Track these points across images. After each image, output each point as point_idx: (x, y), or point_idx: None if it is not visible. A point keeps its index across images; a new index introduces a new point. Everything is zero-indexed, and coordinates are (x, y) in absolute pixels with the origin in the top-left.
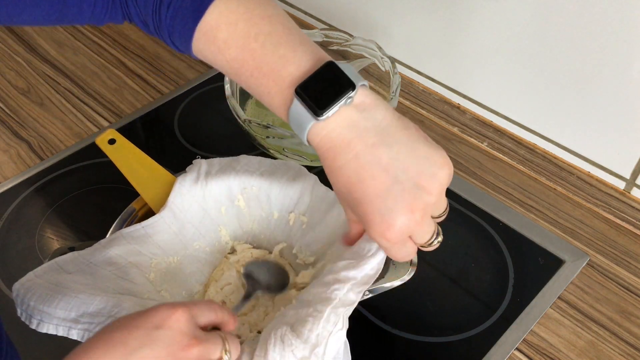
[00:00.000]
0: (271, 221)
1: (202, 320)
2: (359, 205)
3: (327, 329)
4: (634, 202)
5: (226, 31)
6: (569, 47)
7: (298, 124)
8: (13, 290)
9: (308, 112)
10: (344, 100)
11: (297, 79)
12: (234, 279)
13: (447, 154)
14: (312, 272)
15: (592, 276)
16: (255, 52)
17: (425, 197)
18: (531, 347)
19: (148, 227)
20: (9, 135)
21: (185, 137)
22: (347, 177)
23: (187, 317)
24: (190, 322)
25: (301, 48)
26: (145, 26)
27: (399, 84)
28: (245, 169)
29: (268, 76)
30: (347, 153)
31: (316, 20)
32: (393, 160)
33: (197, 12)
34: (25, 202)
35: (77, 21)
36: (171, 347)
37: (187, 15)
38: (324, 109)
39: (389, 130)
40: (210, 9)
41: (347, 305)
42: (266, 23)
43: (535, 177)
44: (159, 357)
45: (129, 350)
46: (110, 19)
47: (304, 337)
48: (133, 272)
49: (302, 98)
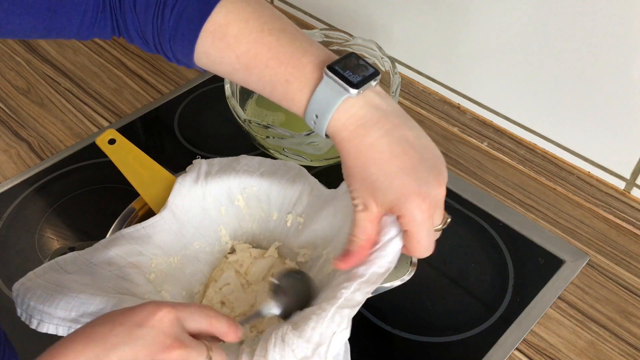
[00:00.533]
0: (270, 221)
1: (192, 325)
2: (394, 179)
3: (331, 329)
4: (634, 202)
5: (237, 27)
6: (569, 47)
7: (326, 102)
8: (13, 290)
9: (341, 87)
10: (373, 81)
11: (320, 64)
12: (232, 279)
13: (447, 153)
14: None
15: (592, 276)
16: (271, 44)
17: (443, 178)
18: (531, 347)
19: (148, 227)
20: (9, 135)
21: (185, 137)
22: (380, 153)
23: (172, 318)
24: (175, 323)
25: (315, 44)
26: (139, 36)
27: (399, 84)
28: (245, 169)
29: (287, 64)
30: (378, 130)
31: (316, 20)
32: (417, 139)
33: (204, 11)
34: (25, 202)
35: (64, 34)
36: (151, 347)
37: (194, 15)
38: (358, 85)
39: (406, 116)
40: (217, 8)
41: (353, 307)
42: (277, 21)
43: (535, 177)
44: (137, 356)
45: (107, 346)
46: (98, 30)
47: (307, 335)
48: (133, 272)
49: (335, 73)
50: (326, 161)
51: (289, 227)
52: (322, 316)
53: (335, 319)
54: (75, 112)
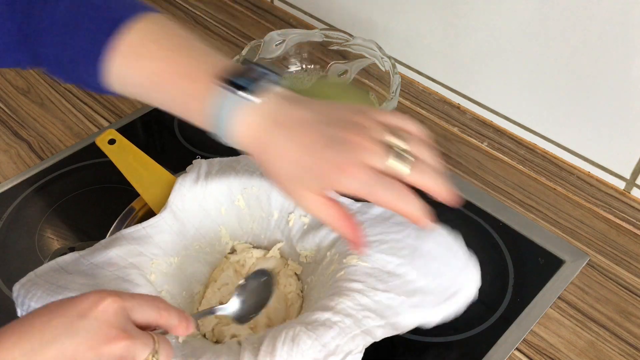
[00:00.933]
0: (271, 221)
1: (139, 316)
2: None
3: (349, 346)
4: (634, 202)
5: (147, 47)
6: (569, 47)
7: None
8: (13, 291)
9: (237, 96)
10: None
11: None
12: (231, 279)
13: (447, 153)
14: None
15: (592, 276)
16: (177, 61)
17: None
18: (531, 347)
19: (148, 227)
20: (9, 135)
21: (185, 137)
22: (286, 150)
23: (117, 308)
24: (120, 314)
25: (217, 56)
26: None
27: (399, 84)
28: (245, 169)
29: (189, 78)
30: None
31: (316, 20)
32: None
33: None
34: (25, 202)
35: None
36: (93, 339)
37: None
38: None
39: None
40: (126, 28)
41: (374, 339)
42: (184, 39)
43: (535, 177)
44: (77, 349)
45: (45, 340)
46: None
47: (325, 341)
48: (134, 272)
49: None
50: None
51: (290, 227)
52: (346, 332)
53: (357, 339)
54: (75, 112)
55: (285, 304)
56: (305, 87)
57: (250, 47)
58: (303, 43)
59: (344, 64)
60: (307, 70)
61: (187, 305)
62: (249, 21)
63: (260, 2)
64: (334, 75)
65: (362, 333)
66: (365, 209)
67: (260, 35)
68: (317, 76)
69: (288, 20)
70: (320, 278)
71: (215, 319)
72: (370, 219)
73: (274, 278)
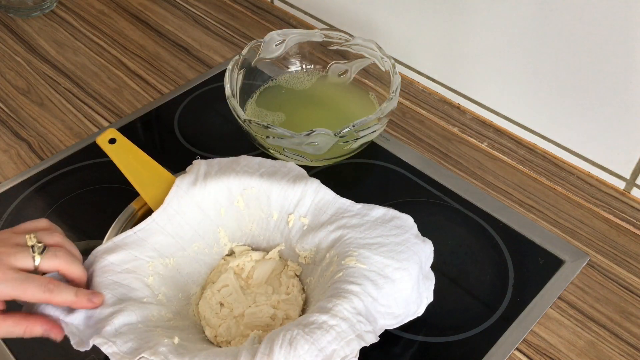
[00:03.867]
0: (270, 222)
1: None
2: None
3: (344, 351)
4: (634, 202)
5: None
6: (569, 47)
7: None
8: None
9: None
10: None
11: None
12: (231, 280)
13: (447, 153)
14: (315, 272)
15: (592, 276)
16: None
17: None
18: (531, 347)
19: (140, 231)
20: (9, 135)
21: (185, 137)
22: None
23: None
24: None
25: None
26: None
27: (399, 84)
28: (245, 170)
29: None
30: None
31: (316, 20)
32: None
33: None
34: (25, 202)
35: None
36: None
37: None
38: None
39: None
40: None
41: (364, 344)
42: None
43: (535, 177)
44: None
45: None
46: None
47: (321, 345)
48: (130, 277)
49: None
50: (326, 161)
51: (290, 227)
52: (342, 336)
53: (352, 344)
54: (75, 112)
55: (296, 304)
56: (305, 87)
57: (250, 47)
58: (303, 43)
59: (344, 64)
60: (307, 70)
61: (183, 307)
62: (249, 21)
63: (260, 2)
64: (334, 75)
65: (357, 337)
66: (365, 211)
67: (260, 35)
68: (317, 76)
69: (288, 20)
70: (320, 279)
71: (219, 319)
72: (370, 222)
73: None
